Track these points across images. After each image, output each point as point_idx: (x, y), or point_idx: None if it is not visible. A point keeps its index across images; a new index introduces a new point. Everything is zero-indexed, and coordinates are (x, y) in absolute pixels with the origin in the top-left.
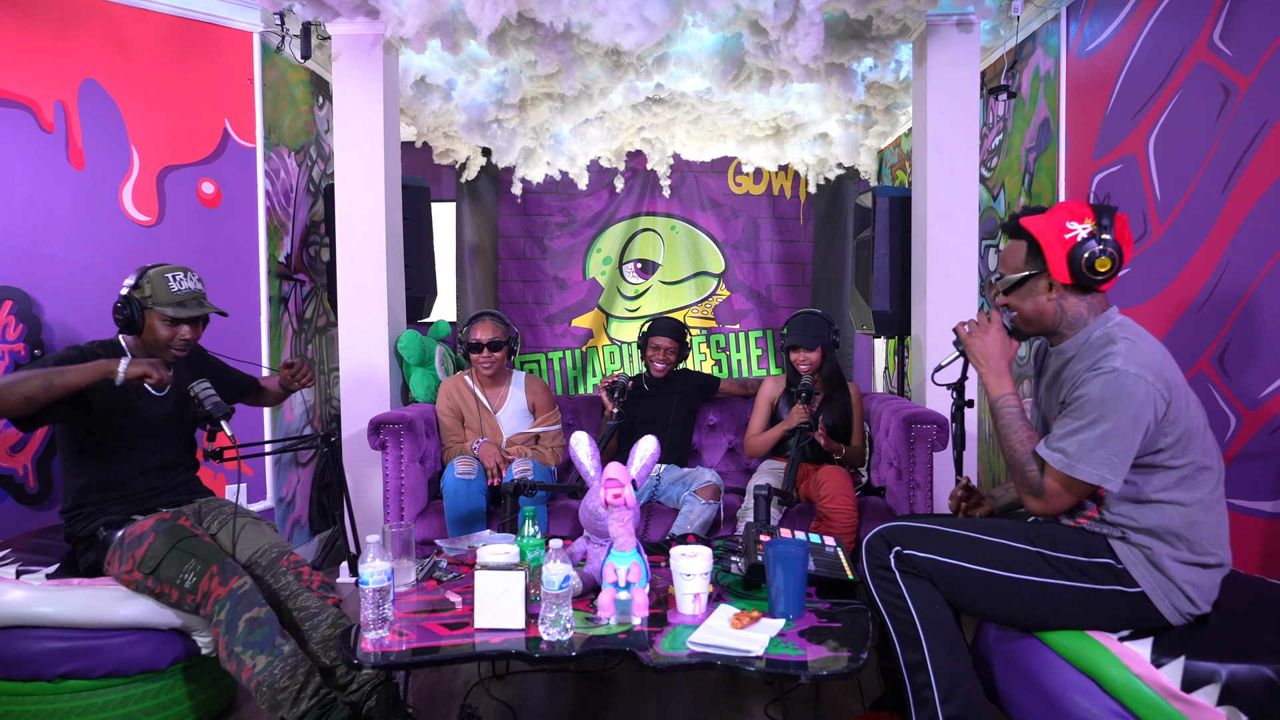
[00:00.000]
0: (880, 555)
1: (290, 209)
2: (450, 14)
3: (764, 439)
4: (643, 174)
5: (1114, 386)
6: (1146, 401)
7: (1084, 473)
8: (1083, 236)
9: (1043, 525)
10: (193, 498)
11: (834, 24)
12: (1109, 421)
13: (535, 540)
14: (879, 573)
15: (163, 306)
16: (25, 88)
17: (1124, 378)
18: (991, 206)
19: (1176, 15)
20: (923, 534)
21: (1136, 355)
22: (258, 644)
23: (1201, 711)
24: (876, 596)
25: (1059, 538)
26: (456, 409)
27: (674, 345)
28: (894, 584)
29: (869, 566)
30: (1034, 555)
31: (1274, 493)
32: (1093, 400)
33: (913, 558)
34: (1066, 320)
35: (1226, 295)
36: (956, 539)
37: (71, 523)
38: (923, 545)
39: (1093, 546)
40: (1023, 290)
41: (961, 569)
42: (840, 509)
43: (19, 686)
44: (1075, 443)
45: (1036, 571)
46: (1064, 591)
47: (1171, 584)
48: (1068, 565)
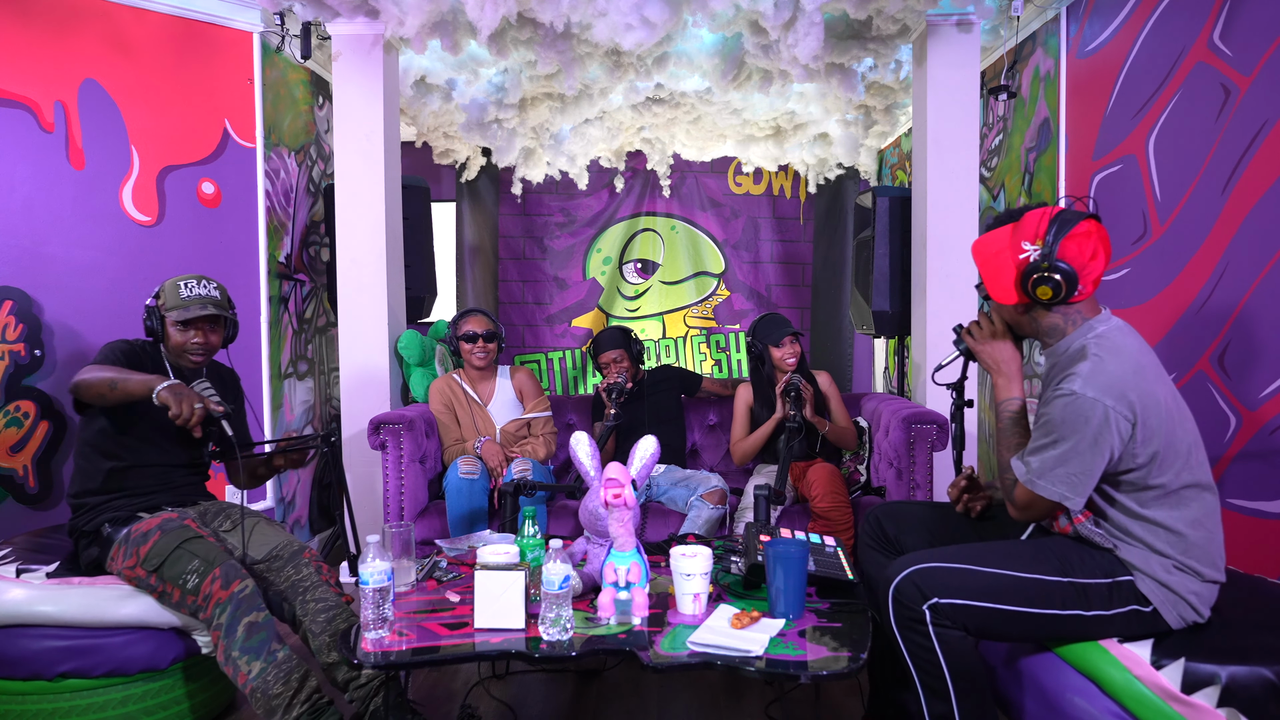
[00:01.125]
0: (912, 605)
1: (290, 209)
2: (450, 14)
3: (749, 443)
4: (643, 174)
5: (1072, 409)
6: (1105, 425)
7: (1044, 489)
8: (1034, 258)
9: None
10: (197, 500)
11: (834, 24)
12: (1067, 443)
13: (535, 540)
14: (909, 623)
15: (170, 312)
16: (25, 88)
17: (1081, 401)
18: (991, 206)
19: (1176, 15)
20: (956, 577)
21: (1098, 377)
22: (254, 649)
23: (1201, 713)
24: (902, 645)
25: (1083, 559)
26: (450, 406)
27: (619, 354)
28: (925, 637)
29: (897, 615)
30: (1067, 587)
31: (1274, 493)
32: (1053, 421)
33: (948, 607)
34: (1043, 330)
35: (1226, 295)
36: (991, 580)
37: (77, 515)
38: (958, 591)
39: (1111, 566)
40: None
41: (998, 611)
42: (831, 507)
43: (19, 685)
44: (1038, 459)
45: (1069, 605)
46: (1095, 621)
47: (1177, 597)
48: (1096, 592)
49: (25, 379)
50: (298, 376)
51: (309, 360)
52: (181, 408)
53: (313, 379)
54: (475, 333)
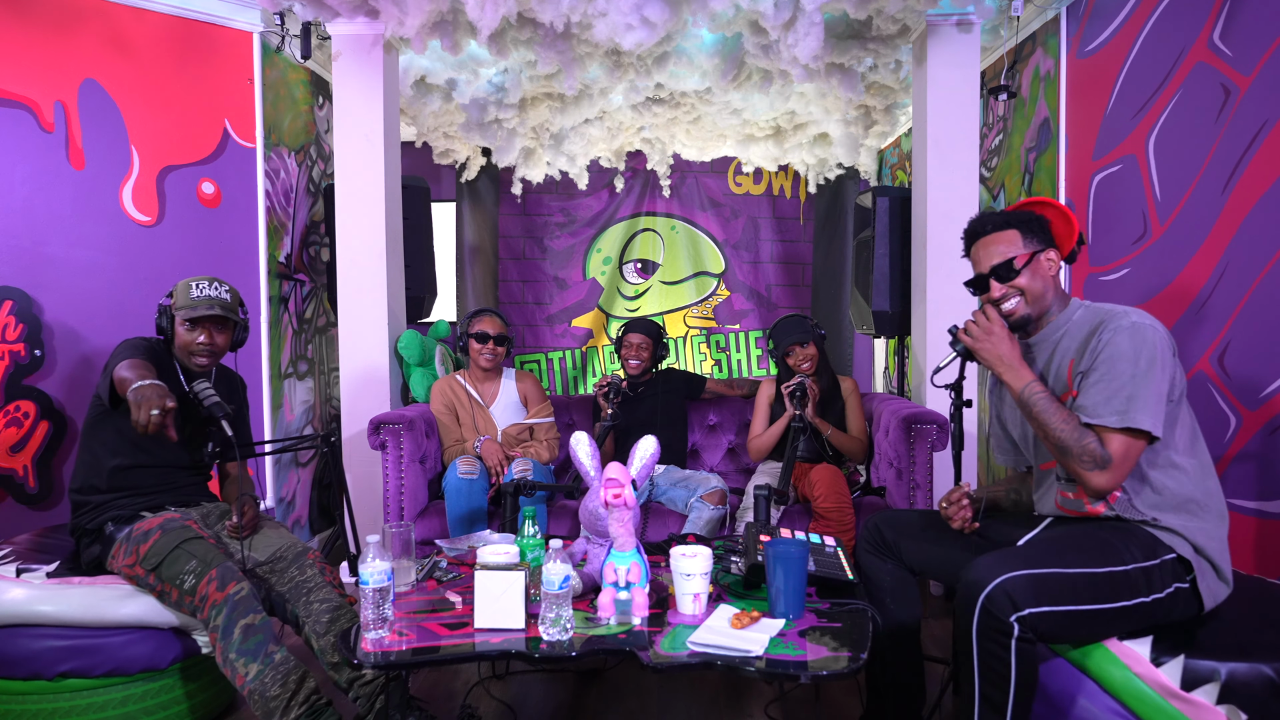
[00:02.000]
0: (1002, 617)
1: (290, 209)
2: (450, 14)
3: (764, 440)
4: (643, 174)
5: (1139, 338)
6: (1166, 349)
7: (1143, 420)
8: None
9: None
10: (200, 501)
11: (834, 24)
12: (1147, 371)
13: (535, 540)
14: (992, 635)
15: (179, 311)
16: (25, 88)
17: (1144, 329)
18: (991, 206)
19: (1176, 15)
20: (1042, 584)
21: (1140, 314)
22: (251, 651)
23: (1201, 710)
24: (976, 656)
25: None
26: (451, 407)
27: (645, 341)
28: (1005, 650)
29: (982, 625)
30: (1136, 573)
31: (1274, 493)
32: (1125, 355)
33: (1033, 618)
34: (1057, 296)
35: (1226, 295)
36: (1074, 581)
37: (79, 512)
38: (1044, 599)
39: (1151, 545)
40: (1032, 268)
41: (1079, 613)
42: (833, 508)
43: (19, 685)
44: (1123, 399)
45: (1137, 592)
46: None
47: (1209, 562)
48: (1153, 574)
49: (25, 379)
50: (298, 376)
51: (309, 360)
52: (139, 414)
53: (313, 379)
54: (486, 333)
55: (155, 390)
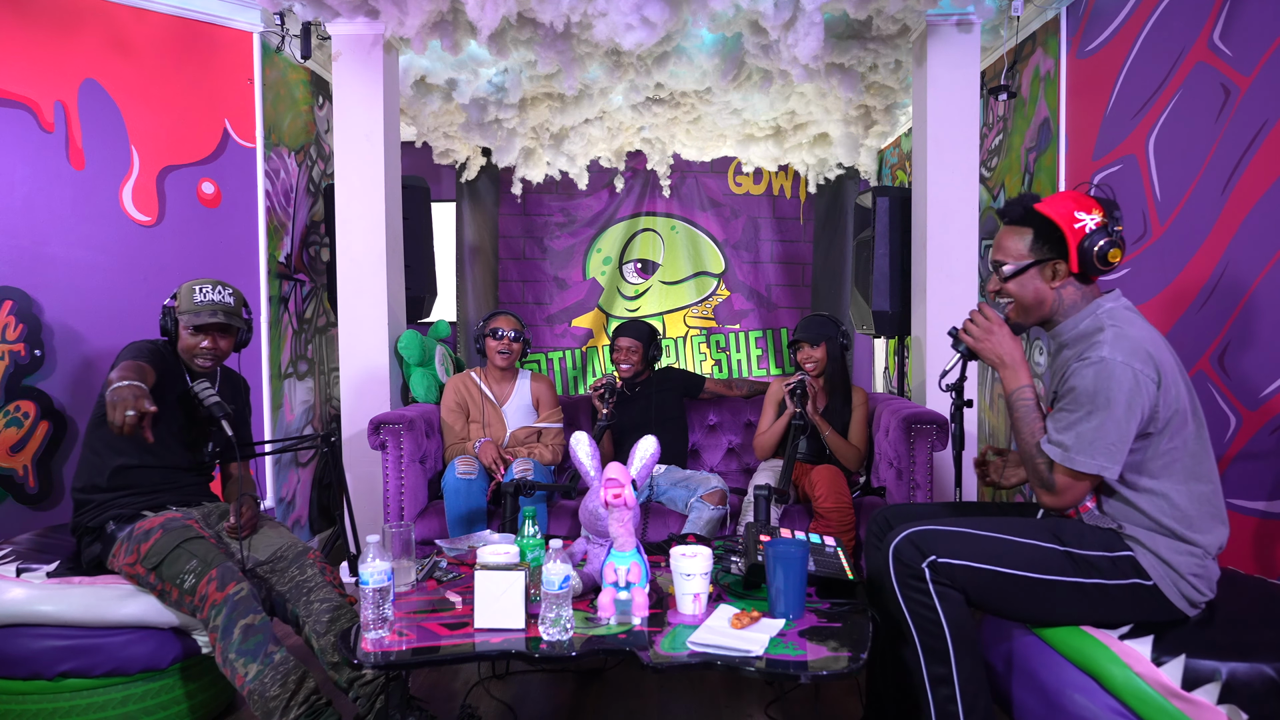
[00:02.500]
0: (912, 563)
1: (290, 209)
2: (450, 14)
3: (766, 437)
4: (643, 174)
5: (1104, 376)
6: (1137, 388)
7: (1083, 464)
8: (1091, 227)
9: (1061, 521)
10: (202, 501)
11: (834, 24)
12: (1103, 412)
13: (535, 540)
14: (909, 581)
15: (183, 315)
16: (25, 88)
17: (1112, 366)
18: (991, 206)
19: (1176, 15)
20: (954, 539)
21: (1123, 342)
22: (250, 651)
23: (1202, 710)
24: (904, 605)
25: (1081, 534)
26: (463, 404)
27: (635, 345)
28: (925, 594)
29: (897, 574)
30: (1061, 555)
31: (1274, 493)
32: (1085, 392)
33: (947, 566)
34: (1063, 308)
35: (1226, 295)
36: (987, 542)
37: (81, 511)
38: (956, 552)
39: (1111, 541)
40: (1025, 277)
41: (994, 573)
42: (834, 508)
43: (19, 685)
44: (1073, 435)
45: (1064, 571)
46: (1092, 590)
47: (1178, 575)
48: (1091, 563)
49: (25, 379)
50: (298, 376)
51: (309, 360)
52: (114, 414)
53: (313, 379)
54: (502, 330)
55: (132, 391)
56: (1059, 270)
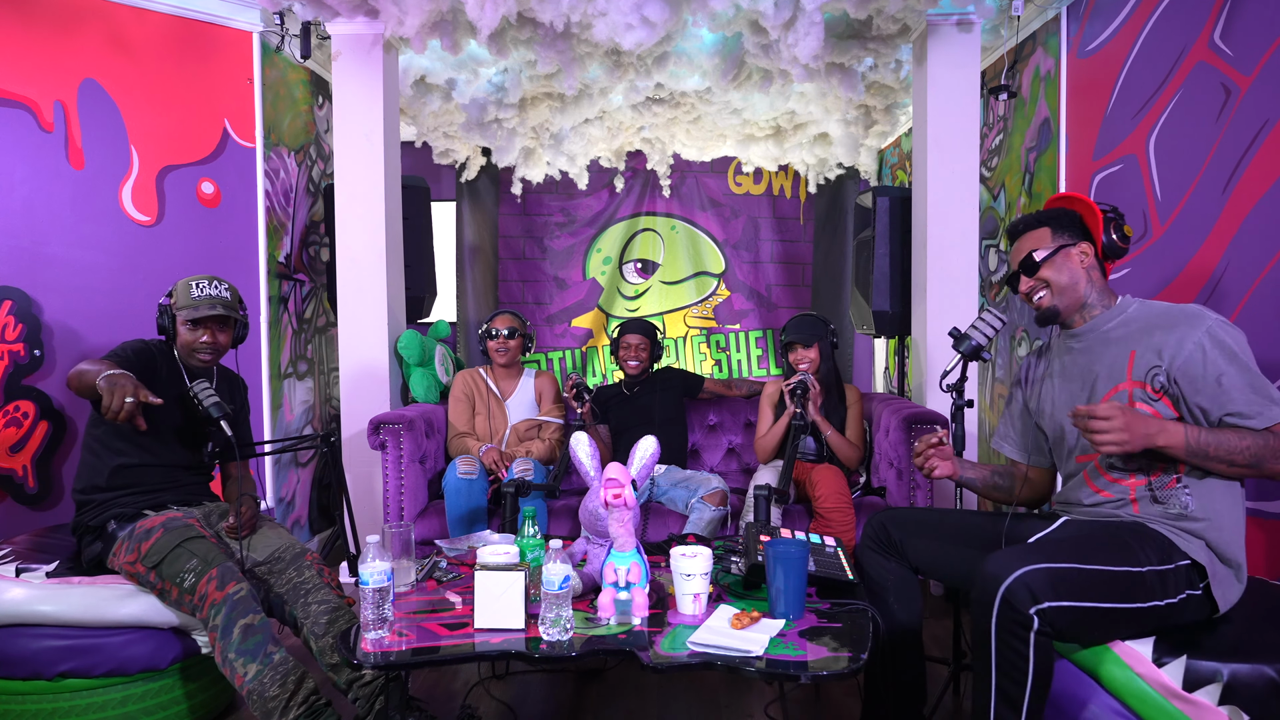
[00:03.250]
0: (1021, 609)
1: (290, 209)
2: (450, 14)
3: (768, 439)
4: (643, 174)
5: (1231, 330)
6: (1242, 338)
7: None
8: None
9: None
10: (202, 500)
11: (834, 24)
12: (1250, 364)
13: (535, 540)
14: (1012, 628)
15: (181, 311)
16: (25, 87)
17: (1221, 326)
18: (992, 206)
19: (1177, 15)
20: (1063, 578)
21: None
22: (250, 651)
23: (1203, 711)
24: (994, 650)
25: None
26: (470, 395)
27: (644, 342)
28: (1024, 644)
29: (1002, 617)
30: (1151, 576)
31: (1274, 493)
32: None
33: (1054, 612)
34: (1095, 292)
35: (1227, 295)
36: (1093, 577)
37: (82, 510)
38: (1064, 593)
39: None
40: (1058, 259)
41: (1098, 610)
42: (834, 508)
43: (19, 685)
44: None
45: (1153, 595)
46: (1166, 609)
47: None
48: (1171, 578)
49: (25, 379)
50: (297, 376)
51: (309, 360)
52: (111, 399)
53: (312, 379)
54: (497, 329)
55: (127, 379)
56: (1085, 250)
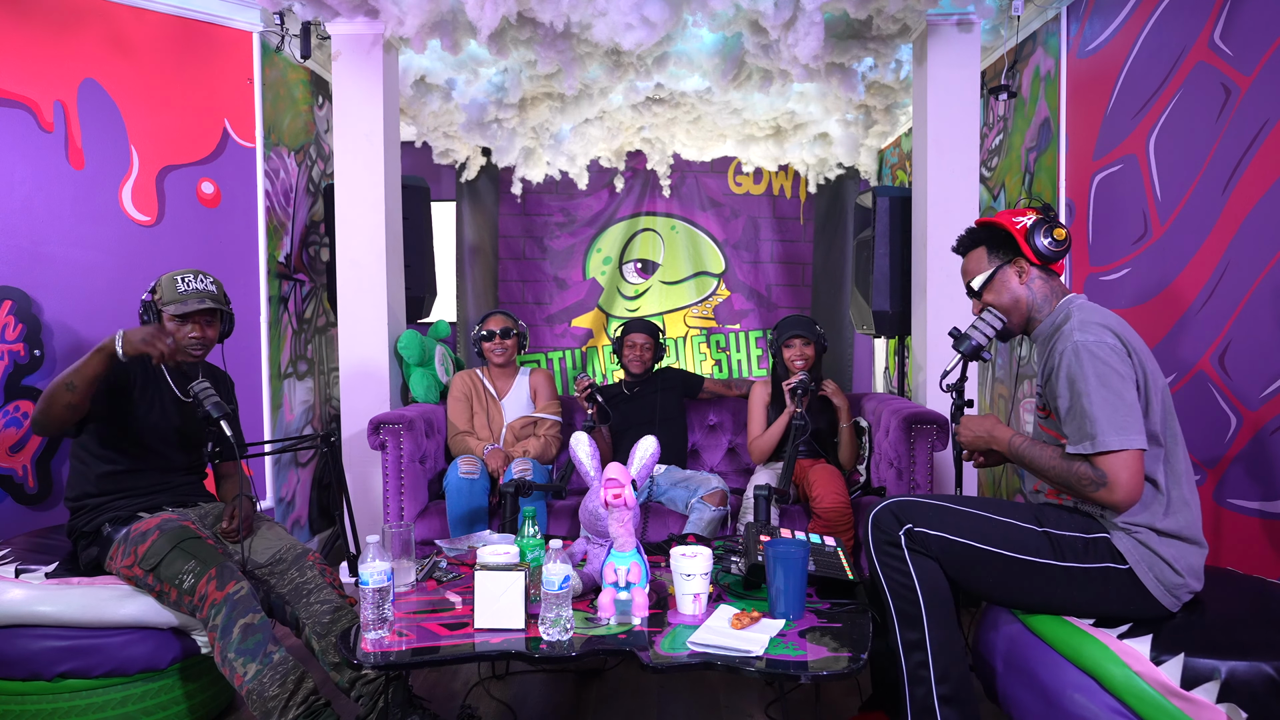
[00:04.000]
0: (889, 530)
1: (290, 209)
2: (450, 14)
3: (765, 440)
4: (643, 174)
5: (1084, 354)
6: (1117, 356)
7: (1115, 441)
8: (1030, 223)
9: (1045, 506)
10: (198, 501)
11: (834, 24)
12: (1100, 388)
13: (535, 540)
14: (885, 549)
15: (167, 306)
16: (25, 88)
17: (1084, 344)
18: (992, 206)
19: (1177, 15)
20: (933, 510)
21: (1087, 325)
22: (249, 651)
23: (1201, 709)
24: (880, 571)
25: (1062, 518)
26: (468, 394)
27: (648, 341)
28: (901, 560)
29: (875, 541)
30: (1040, 536)
31: (1274, 493)
32: (1075, 376)
33: (923, 535)
34: (1036, 303)
35: (1227, 295)
36: (967, 517)
37: (76, 515)
38: (933, 522)
39: (1088, 524)
40: (995, 283)
41: (971, 548)
42: (832, 508)
43: (18, 685)
44: (1089, 423)
45: (1041, 553)
46: (1066, 573)
47: (1154, 555)
48: (1069, 545)
49: (25, 379)
50: (297, 376)
51: (309, 360)
52: (155, 346)
53: (312, 379)
54: (492, 330)
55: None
56: (1022, 266)
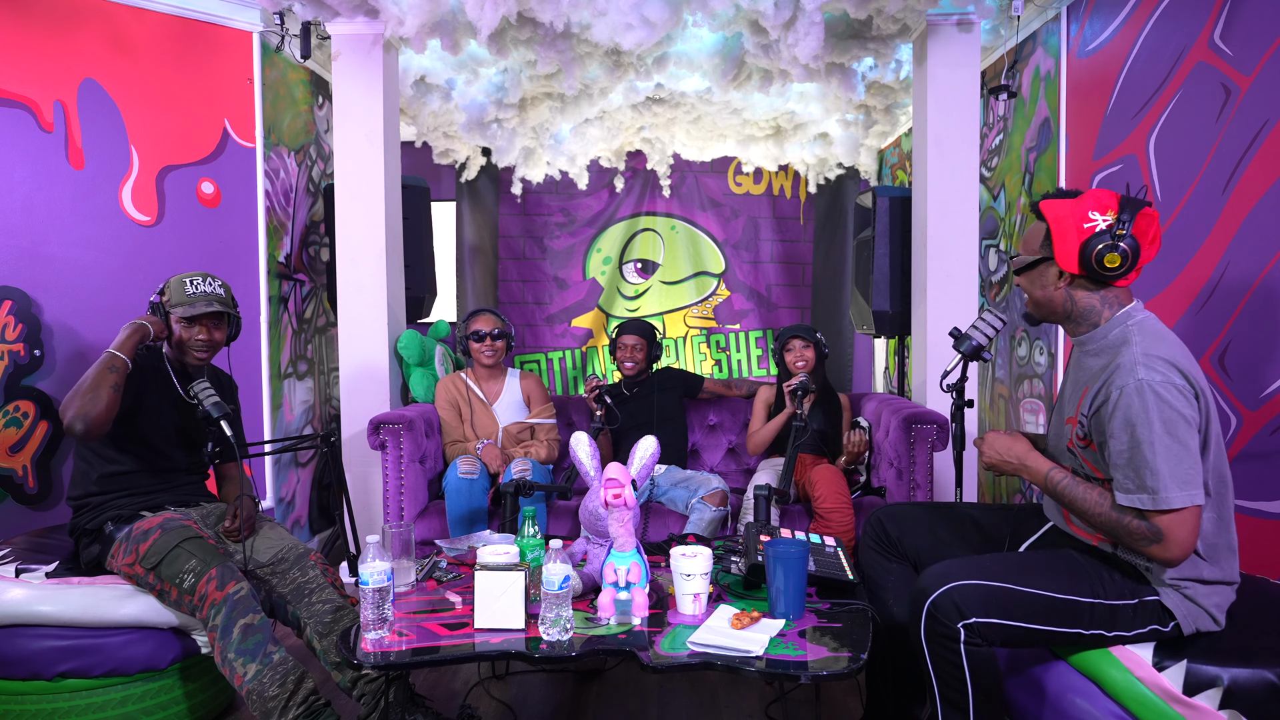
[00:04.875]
0: (947, 623)
1: (290, 209)
2: (450, 14)
3: (761, 434)
4: (643, 174)
5: (1152, 395)
6: (1183, 401)
7: (1179, 499)
8: (1101, 228)
9: (1097, 563)
10: (200, 501)
11: (834, 24)
12: (1166, 436)
13: (535, 540)
14: (941, 640)
15: (176, 308)
16: (25, 87)
17: (1153, 384)
18: (992, 206)
19: (1177, 15)
20: (993, 596)
21: (1155, 360)
22: (249, 651)
23: (1203, 715)
24: (929, 659)
25: (1114, 580)
26: (454, 404)
27: (640, 342)
28: (955, 654)
29: (929, 629)
30: (1100, 609)
31: (1274, 493)
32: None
33: (983, 626)
34: (1077, 312)
35: (1227, 295)
36: (1028, 599)
37: (79, 514)
38: (990, 610)
39: (1137, 585)
40: (1034, 274)
41: (1029, 630)
42: (834, 508)
43: (18, 685)
44: (1149, 474)
45: (1094, 624)
46: (1114, 640)
47: (1200, 609)
48: (1122, 612)
49: (25, 379)
50: (297, 376)
51: (309, 360)
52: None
53: (312, 379)
54: (483, 331)
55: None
56: (1063, 272)
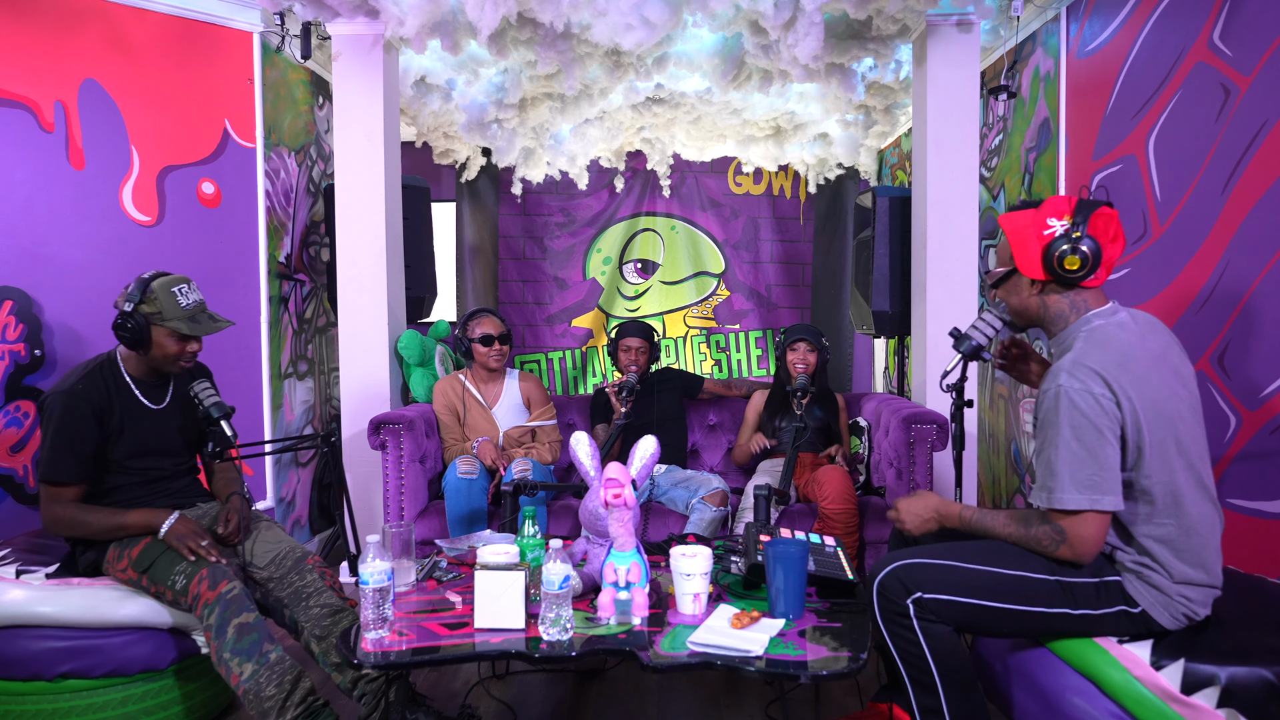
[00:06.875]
0: (896, 600)
1: (290, 209)
2: (450, 14)
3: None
4: (643, 174)
5: (1065, 403)
6: (1097, 409)
7: (1070, 500)
8: (1059, 233)
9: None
10: (195, 501)
11: (834, 24)
12: (1069, 440)
13: (535, 540)
14: (894, 618)
15: (173, 323)
16: (25, 88)
17: (1069, 395)
18: (991, 206)
19: (1176, 15)
20: (939, 572)
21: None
22: (245, 651)
23: (1201, 714)
24: (889, 640)
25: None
26: (453, 407)
27: (643, 345)
28: (910, 630)
29: (882, 610)
30: (1053, 585)
31: (1274, 493)
32: (1051, 421)
33: (933, 602)
34: (1049, 317)
35: (1226, 295)
36: (976, 576)
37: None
38: (941, 586)
39: (1099, 566)
40: (1009, 285)
41: (983, 607)
42: (841, 510)
43: (19, 686)
44: (1050, 474)
45: (1054, 602)
46: (1081, 619)
47: (1168, 598)
48: (1082, 591)
49: (25, 379)
50: (298, 376)
51: (309, 360)
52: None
53: (313, 379)
54: (492, 335)
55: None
56: (1033, 280)
